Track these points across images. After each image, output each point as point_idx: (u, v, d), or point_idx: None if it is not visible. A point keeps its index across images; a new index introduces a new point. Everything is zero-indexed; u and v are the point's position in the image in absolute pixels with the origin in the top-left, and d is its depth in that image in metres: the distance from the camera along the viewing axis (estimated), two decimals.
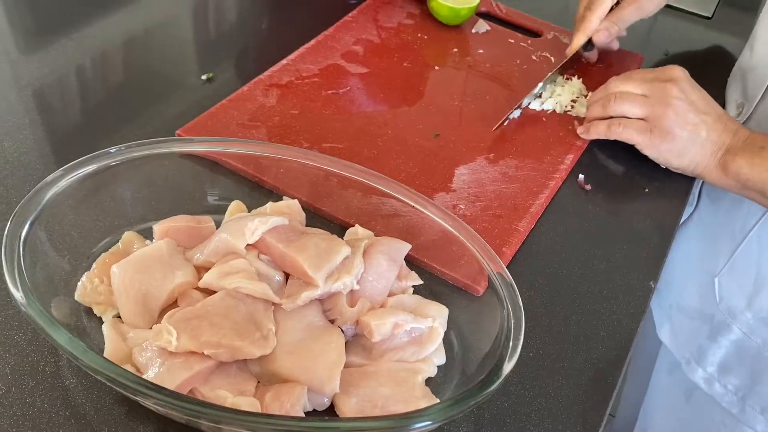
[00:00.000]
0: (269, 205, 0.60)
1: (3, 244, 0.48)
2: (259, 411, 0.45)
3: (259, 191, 0.65)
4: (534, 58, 0.86)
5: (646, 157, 0.72)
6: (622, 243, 0.66)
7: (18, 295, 0.45)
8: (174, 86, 0.78)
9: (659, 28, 1.01)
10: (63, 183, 0.54)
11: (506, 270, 0.51)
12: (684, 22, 1.02)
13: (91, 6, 0.88)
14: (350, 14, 0.89)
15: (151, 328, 0.49)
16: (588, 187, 0.71)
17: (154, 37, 0.86)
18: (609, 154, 0.75)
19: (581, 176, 0.71)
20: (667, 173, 0.72)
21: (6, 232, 0.49)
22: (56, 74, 0.78)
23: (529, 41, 0.89)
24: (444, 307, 0.55)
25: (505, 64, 0.85)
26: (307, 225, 0.60)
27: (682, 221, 0.73)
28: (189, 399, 0.41)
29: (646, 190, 0.72)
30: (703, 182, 0.81)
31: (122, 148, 0.56)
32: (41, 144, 0.69)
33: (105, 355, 0.48)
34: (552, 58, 0.86)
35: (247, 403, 0.44)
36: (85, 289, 0.52)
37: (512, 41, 0.89)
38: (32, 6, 0.88)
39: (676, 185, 0.73)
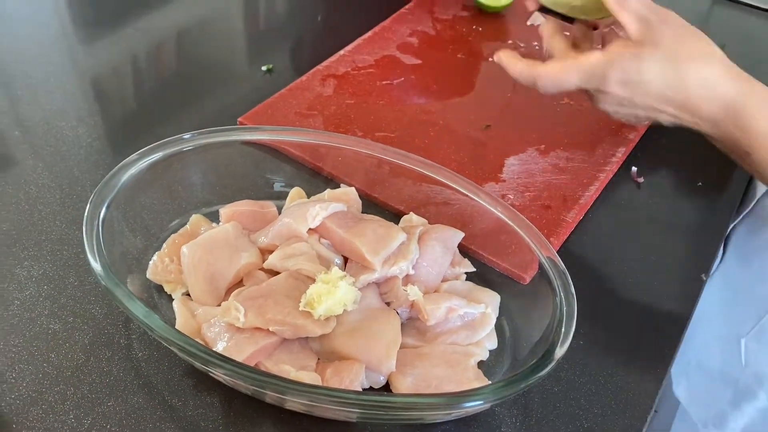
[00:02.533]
0: (327, 192, 0.62)
1: (84, 223, 0.52)
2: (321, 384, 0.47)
3: (317, 178, 0.67)
4: None
5: (701, 150, 0.71)
6: (674, 236, 0.66)
7: (99, 269, 0.48)
8: (235, 77, 0.81)
9: (715, 20, 0.99)
10: (135, 168, 0.57)
11: (558, 257, 0.53)
12: (743, 14, 1.00)
13: None
14: (406, 6, 0.90)
15: (218, 306, 0.52)
16: (641, 179, 0.71)
17: (216, 29, 0.89)
18: (663, 147, 0.76)
19: (634, 168, 0.72)
20: (723, 168, 0.72)
21: (86, 213, 0.52)
22: (123, 63, 0.82)
23: None
24: (496, 294, 0.57)
25: None
26: (362, 212, 0.62)
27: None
28: (256, 370, 0.43)
29: (700, 183, 0.72)
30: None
31: (192, 135, 0.59)
32: (111, 130, 0.73)
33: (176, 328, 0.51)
34: None
35: (309, 377, 0.47)
36: (157, 267, 0.56)
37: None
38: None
39: (732, 179, 0.73)
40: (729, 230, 0.74)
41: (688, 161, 0.74)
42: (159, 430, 0.49)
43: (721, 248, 0.76)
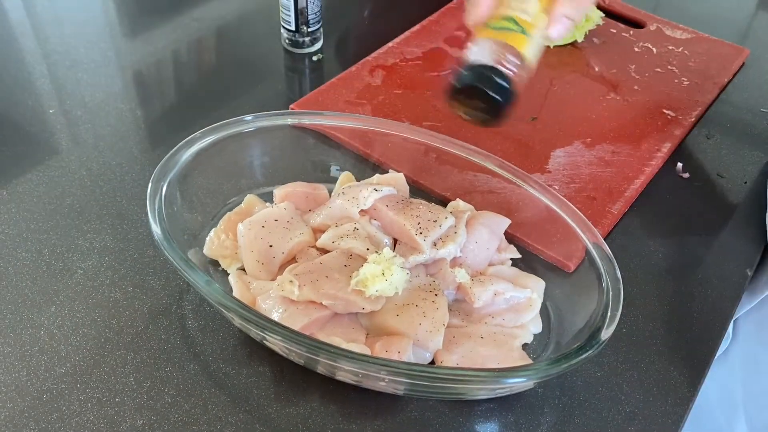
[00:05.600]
0: (376, 177, 0.64)
1: (147, 198, 0.54)
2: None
3: (364, 164, 0.69)
4: (636, 49, 0.87)
5: (746, 149, 0.71)
6: (719, 230, 0.67)
7: (163, 242, 0.50)
8: (286, 65, 0.84)
9: (760, 24, 0.99)
10: (195, 147, 0.59)
11: (605, 243, 0.53)
12: None
13: None
14: (454, 1, 0.92)
15: (271, 280, 0.54)
16: (686, 175, 0.72)
17: (269, 19, 0.92)
18: (708, 145, 0.76)
19: (679, 164, 0.72)
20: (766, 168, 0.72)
21: (149, 189, 0.55)
22: (181, 50, 0.85)
23: (632, 32, 0.90)
24: (541, 280, 0.58)
25: (607, 53, 0.86)
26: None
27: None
28: (312, 337, 0.45)
29: (746, 182, 0.72)
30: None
31: (253, 117, 0.62)
32: (168, 113, 0.76)
33: None
34: (654, 50, 0.87)
35: (359, 349, 0.49)
36: (213, 243, 0.58)
37: (614, 31, 0.89)
38: None
39: None
40: None
41: (733, 160, 0.74)
42: (213, 395, 0.51)
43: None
